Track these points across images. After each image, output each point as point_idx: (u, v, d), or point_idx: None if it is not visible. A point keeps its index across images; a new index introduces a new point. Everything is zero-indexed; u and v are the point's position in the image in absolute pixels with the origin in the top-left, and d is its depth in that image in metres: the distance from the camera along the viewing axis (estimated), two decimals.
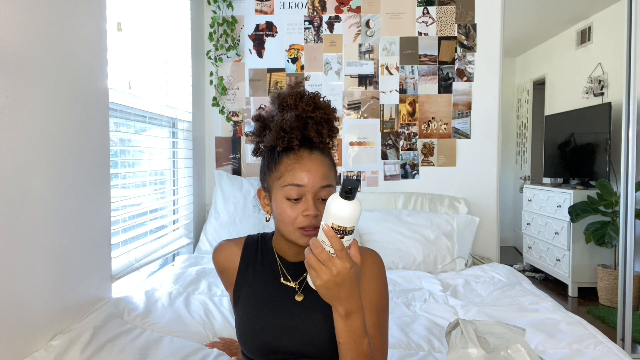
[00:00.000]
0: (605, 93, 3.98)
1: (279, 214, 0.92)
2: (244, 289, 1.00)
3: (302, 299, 0.95)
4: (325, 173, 0.93)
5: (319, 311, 0.92)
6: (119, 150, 1.87)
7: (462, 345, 0.88)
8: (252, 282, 1.00)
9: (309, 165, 0.91)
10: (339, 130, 0.97)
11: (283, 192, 0.91)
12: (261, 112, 1.01)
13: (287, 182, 0.91)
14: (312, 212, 0.89)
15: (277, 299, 0.96)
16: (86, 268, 1.43)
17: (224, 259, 1.04)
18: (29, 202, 1.16)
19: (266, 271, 1.00)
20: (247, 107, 2.80)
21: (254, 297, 0.98)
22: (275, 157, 0.95)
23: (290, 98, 0.93)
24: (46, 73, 1.24)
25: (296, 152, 0.92)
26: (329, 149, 0.99)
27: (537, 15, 4.20)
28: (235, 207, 2.50)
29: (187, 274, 1.95)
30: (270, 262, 1.01)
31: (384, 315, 0.94)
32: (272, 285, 0.98)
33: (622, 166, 2.52)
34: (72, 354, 1.17)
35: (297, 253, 0.99)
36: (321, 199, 0.91)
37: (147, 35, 2.00)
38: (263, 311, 0.95)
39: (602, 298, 3.54)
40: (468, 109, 2.77)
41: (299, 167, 0.91)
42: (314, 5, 2.76)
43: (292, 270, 0.99)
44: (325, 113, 0.94)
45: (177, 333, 1.44)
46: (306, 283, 0.91)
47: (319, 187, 0.91)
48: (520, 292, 1.87)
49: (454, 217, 2.46)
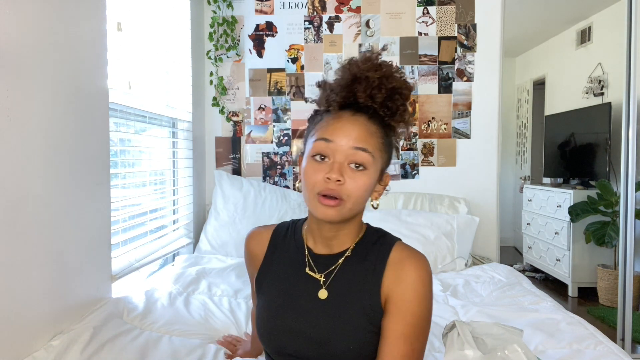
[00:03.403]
0: (605, 93, 3.98)
1: (303, 178, 0.81)
2: (268, 277, 0.92)
3: (326, 296, 0.84)
4: (364, 137, 0.80)
5: (343, 319, 0.82)
6: (119, 150, 1.87)
7: (458, 346, 0.88)
8: (276, 271, 0.92)
9: (346, 124, 0.80)
10: (408, 111, 0.84)
11: (311, 150, 0.80)
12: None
13: (318, 136, 0.81)
14: (335, 176, 0.77)
15: (299, 294, 0.87)
16: (86, 268, 1.43)
17: (254, 245, 0.96)
18: (29, 202, 1.16)
19: (292, 259, 0.91)
20: (247, 107, 2.80)
21: (277, 288, 0.89)
22: (317, 118, 0.86)
23: (355, 61, 0.83)
24: (46, 73, 1.24)
25: (337, 112, 0.83)
26: (387, 122, 0.84)
27: (537, 15, 4.20)
28: (235, 207, 2.50)
29: (187, 274, 1.95)
30: (297, 250, 0.91)
31: (420, 344, 0.80)
32: (296, 276, 0.88)
33: (622, 166, 2.52)
34: (72, 354, 1.16)
35: (325, 241, 0.88)
36: (355, 164, 0.79)
37: (147, 35, 2.00)
38: (283, 307, 0.87)
39: (602, 298, 3.54)
40: (468, 109, 2.77)
41: (335, 123, 0.81)
42: (314, 5, 2.76)
43: (320, 261, 0.88)
44: (386, 76, 0.81)
45: (176, 333, 1.44)
46: (333, 279, 0.85)
47: (351, 147, 0.79)
48: (520, 292, 1.87)
49: (454, 217, 2.46)
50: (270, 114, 2.79)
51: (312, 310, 0.84)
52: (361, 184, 0.79)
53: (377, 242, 0.88)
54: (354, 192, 0.79)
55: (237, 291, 1.84)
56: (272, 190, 2.60)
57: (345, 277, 0.86)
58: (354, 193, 0.79)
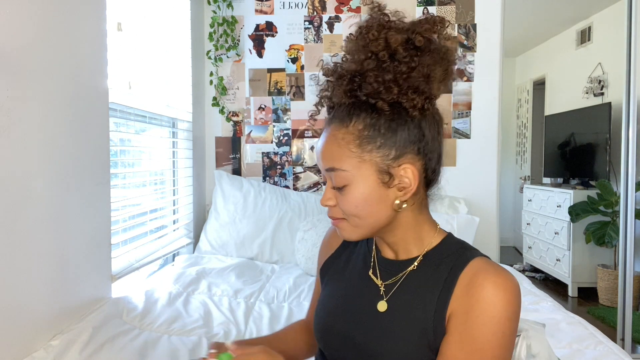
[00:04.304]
0: (605, 93, 3.98)
1: None
2: (332, 269, 0.89)
3: (385, 309, 0.75)
4: (328, 152, 0.71)
5: (399, 336, 0.72)
6: (119, 150, 1.87)
7: None
8: (342, 265, 0.87)
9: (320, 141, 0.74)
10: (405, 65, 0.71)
11: None
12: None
13: None
14: (322, 203, 0.75)
15: (358, 299, 0.80)
16: (86, 268, 1.43)
17: (334, 236, 0.92)
18: (29, 202, 1.16)
19: (359, 258, 0.86)
20: (247, 107, 2.80)
21: (338, 285, 0.85)
22: None
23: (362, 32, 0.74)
24: (46, 73, 1.24)
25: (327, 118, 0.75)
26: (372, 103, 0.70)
27: (537, 15, 4.20)
28: (235, 207, 2.50)
29: (187, 274, 1.95)
30: (367, 250, 0.85)
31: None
32: (359, 277, 0.82)
33: (622, 166, 2.52)
34: (72, 354, 1.17)
35: (389, 246, 0.80)
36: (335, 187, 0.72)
37: (147, 35, 2.00)
38: (340, 309, 0.81)
39: (602, 298, 3.54)
40: (468, 109, 2.77)
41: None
42: (314, 5, 2.76)
43: (385, 265, 0.80)
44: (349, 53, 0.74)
45: (176, 333, 1.44)
46: (396, 288, 0.76)
47: (324, 170, 0.73)
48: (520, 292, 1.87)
49: (454, 217, 2.46)
50: (270, 114, 2.79)
51: (368, 320, 0.76)
52: (351, 200, 0.71)
53: (454, 254, 0.75)
54: (349, 210, 0.72)
55: (237, 291, 1.84)
56: (272, 190, 2.60)
57: (409, 289, 0.75)
58: (349, 211, 0.72)
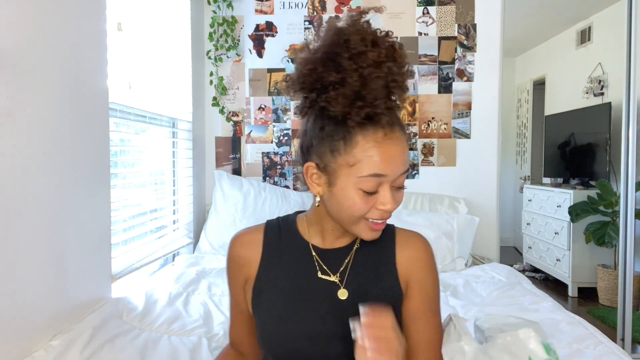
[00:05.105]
0: (605, 93, 3.98)
1: (346, 205, 0.74)
2: (268, 286, 0.83)
3: (346, 296, 0.79)
4: (407, 156, 0.75)
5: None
6: (119, 150, 1.87)
7: (455, 338, 0.88)
8: (277, 278, 0.83)
9: (392, 149, 0.72)
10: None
11: (357, 183, 0.72)
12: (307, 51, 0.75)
13: (366, 172, 0.71)
14: (391, 207, 0.73)
15: (314, 298, 0.80)
16: (86, 268, 1.43)
17: (245, 249, 0.85)
18: (29, 202, 1.16)
19: (296, 261, 0.83)
20: (247, 107, 2.79)
21: (284, 297, 0.81)
22: (344, 133, 0.72)
23: (362, 43, 0.70)
24: (46, 73, 1.24)
25: (376, 129, 0.71)
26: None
27: (537, 15, 4.20)
28: (235, 207, 2.50)
29: (187, 274, 1.95)
30: (300, 252, 0.83)
31: (440, 312, 0.87)
32: (306, 281, 0.81)
33: (622, 166, 2.52)
34: (72, 354, 1.16)
35: (337, 238, 0.82)
36: (398, 187, 0.75)
37: (147, 35, 2.00)
38: (297, 314, 0.80)
39: (602, 298, 3.54)
40: (468, 109, 2.77)
41: (382, 153, 0.71)
42: (314, 5, 2.76)
43: (329, 261, 0.82)
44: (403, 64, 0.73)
45: (176, 333, 1.44)
46: (348, 275, 0.81)
47: (399, 174, 0.74)
48: (520, 292, 1.87)
49: (454, 217, 2.46)
50: (270, 114, 2.79)
51: (333, 309, 0.79)
52: (400, 199, 0.77)
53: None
54: (396, 208, 0.77)
55: None
56: (272, 190, 2.60)
57: (359, 271, 0.82)
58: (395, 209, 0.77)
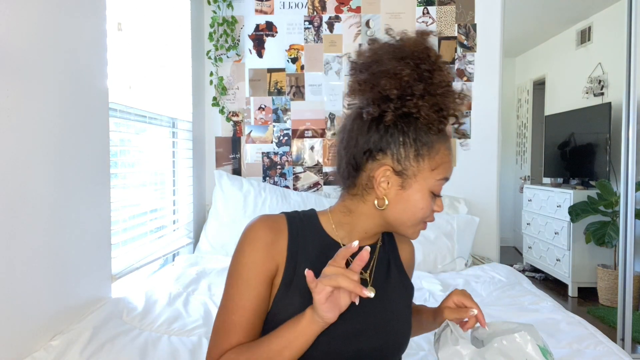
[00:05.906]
0: (605, 93, 3.98)
1: (418, 207, 0.79)
2: (295, 281, 0.79)
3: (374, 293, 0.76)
4: None
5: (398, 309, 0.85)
6: (119, 151, 1.87)
7: (453, 342, 0.88)
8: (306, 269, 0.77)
9: (451, 154, 0.83)
10: None
11: (434, 186, 0.79)
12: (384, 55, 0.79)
13: (442, 175, 0.80)
14: (442, 210, 0.84)
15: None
16: (86, 268, 1.43)
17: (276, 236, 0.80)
18: (28, 202, 1.16)
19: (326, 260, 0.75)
20: (247, 107, 2.79)
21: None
22: (426, 140, 0.78)
23: (440, 60, 0.82)
24: (46, 73, 1.24)
25: (447, 138, 0.81)
26: None
27: (537, 15, 4.20)
28: (236, 207, 2.50)
29: (187, 274, 1.95)
30: (330, 250, 0.80)
31: None
32: None
33: (622, 166, 2.52)
34: (72, 354, 1.17)
35: (365, 238, 0.84)
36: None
37: (147, 35, 2.00)
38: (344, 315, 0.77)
39: (602, 298, 3.54)
40: (468, 109, 2.77)
41: (451, 158, 0.82)
42: (314, 5, 2.76)
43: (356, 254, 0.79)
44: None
45: (176, 333, 1.44)
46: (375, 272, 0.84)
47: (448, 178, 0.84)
48: (520, 292, 1.87)
49: (454, 217, 2.46)
50: (270, 114, 2.79)
51: (365, 306, 0.78)
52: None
53: None
54: None
55: None
56: (272, 190, 2.60)
57: (381, 269, 0.87)
58: None
